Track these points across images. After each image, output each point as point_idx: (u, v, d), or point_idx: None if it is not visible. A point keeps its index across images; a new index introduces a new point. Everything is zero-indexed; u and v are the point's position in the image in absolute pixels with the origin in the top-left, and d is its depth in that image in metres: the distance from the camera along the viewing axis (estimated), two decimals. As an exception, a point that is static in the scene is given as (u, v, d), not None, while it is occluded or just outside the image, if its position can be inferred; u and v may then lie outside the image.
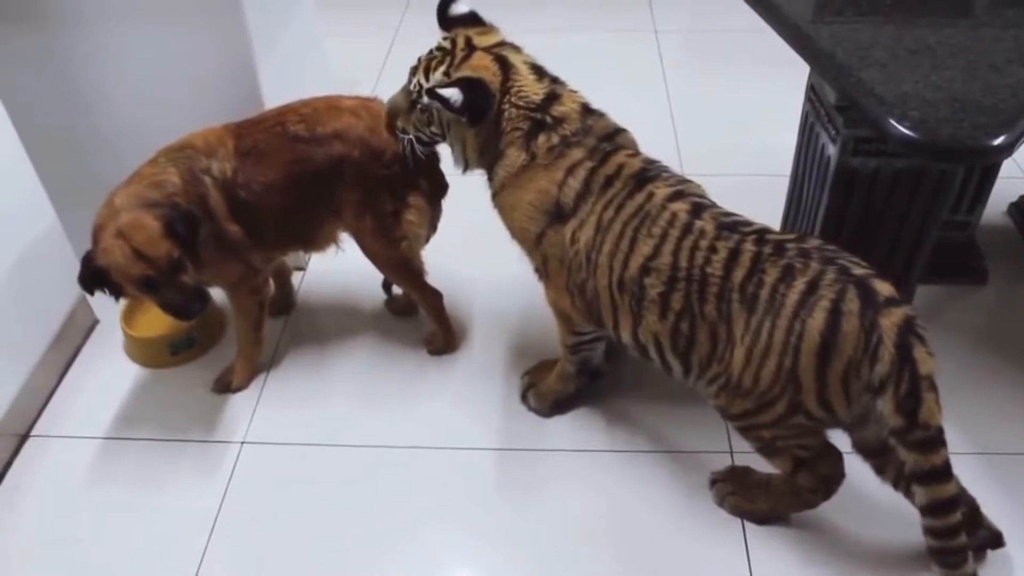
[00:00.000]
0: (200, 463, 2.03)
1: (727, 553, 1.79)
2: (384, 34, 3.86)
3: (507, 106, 1.69)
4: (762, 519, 1.79)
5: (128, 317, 2.31)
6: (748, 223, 1.60)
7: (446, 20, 1.78)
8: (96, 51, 2.16)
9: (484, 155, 1.76)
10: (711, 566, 1.77)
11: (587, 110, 1.74)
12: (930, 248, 1.91)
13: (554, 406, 2.06)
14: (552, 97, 1.70)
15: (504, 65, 1.69)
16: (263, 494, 1.96)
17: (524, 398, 2.10)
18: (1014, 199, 2.71)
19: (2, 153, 2.09)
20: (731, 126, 3.20)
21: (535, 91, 1.69)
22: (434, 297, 2.21)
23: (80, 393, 2.22)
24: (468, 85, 1.64)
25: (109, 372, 2.26)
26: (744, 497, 1.79)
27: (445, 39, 1.75)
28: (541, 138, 1.69)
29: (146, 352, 2.28)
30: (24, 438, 2.10)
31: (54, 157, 2.24)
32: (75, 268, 2.20)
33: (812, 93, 1.86)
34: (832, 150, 1.73)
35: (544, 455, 2.01)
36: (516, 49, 1.75)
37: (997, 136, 1.41)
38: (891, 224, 1.81)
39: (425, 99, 1.72)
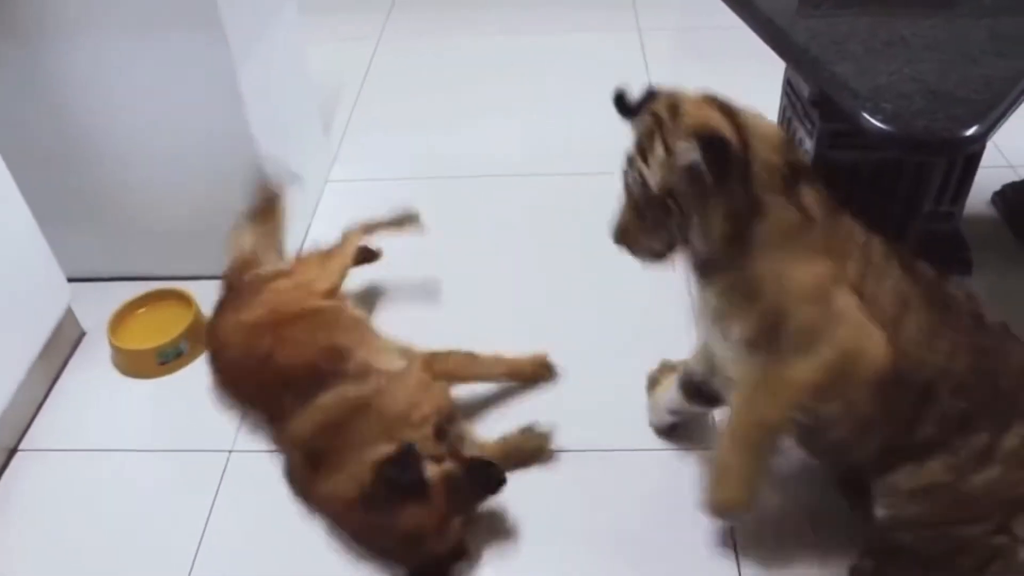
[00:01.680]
0: (189, 473, 2.03)
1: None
2: (367, 39, 3.87)
3: (749, 154, 1.39)
4: None
5: (115, 328, 2.30)
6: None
7: (628, 110, 1.55)
8: (73, 63, 2.16)
9: (736, 222, 1.42)
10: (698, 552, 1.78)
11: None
12: (914, 240, 1.91)
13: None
14: (797, 171, 1.41)
15: (723, 107, 1.42)
16: (252, 503, 1.96)
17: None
18: (997, 188, 2.71)
19: (-17, 167, 2.09)
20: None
21: (772, 129, 1.41)
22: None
23: (68, 405, 2.22)
24: (697, 136, 1.37)
25: (97, 384, 2.26)
26: None
27: (637, 123, 1.51)
28: (805, 189, 1.43)
29: (134, 363, 2.27)
30: (12, 452, 2.10)
31: (35, 169, 2.23)
32: (60, 283, 2.21)
33: (788, 87, 1.87)
34: (809, 144, 1.73)
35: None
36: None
37: (970, 127, 1.41)
38: (872, 217, 1.81)
39: (653, 190, 1.43)
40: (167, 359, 2.27)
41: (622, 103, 1.52)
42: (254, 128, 2.30)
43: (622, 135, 1.83)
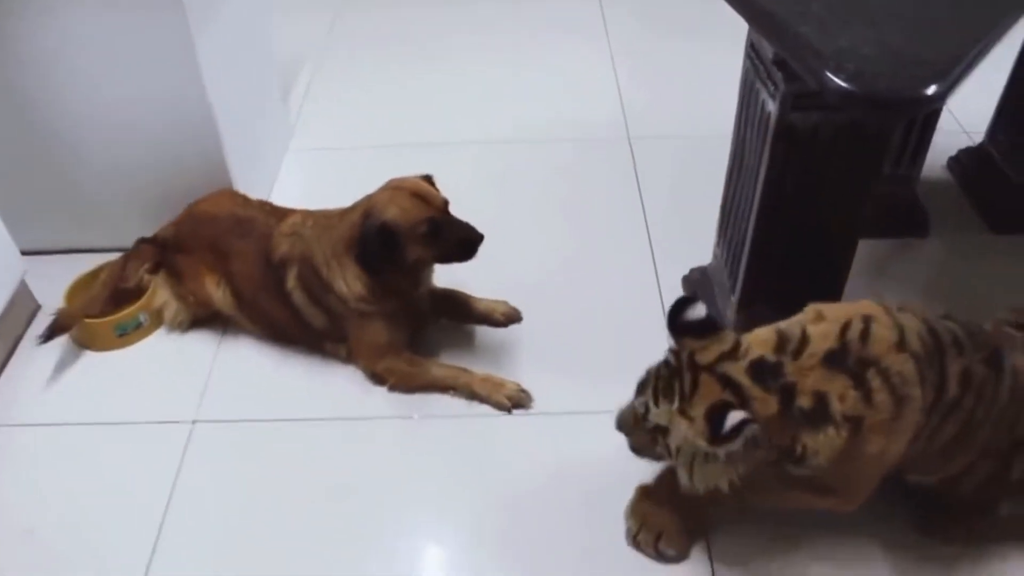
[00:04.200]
0: (151, 444, 2.00)
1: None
2: (327, 7, 3.81)
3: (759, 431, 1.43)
4: None
5: (72, 301, 2.26)
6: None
7: (677, 326, 1.55)
8: (24, 33, 2.10)
9: (750, 469, 1.50)
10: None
11: (831, 358, 1.49)
12: (872, 202, 1.93)
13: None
14: (788, 394, 1.45)
15: (732, 387, 1.45)
16: (217, 472, 1.94)
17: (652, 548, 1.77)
18: (953, 153, 2.76)
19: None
20: (676, 87, 3.22)
21: (769, 407, 1.44)
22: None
23: (24, 380, 2.18)
24: (712, 412, 1.43)
25: (54, 357, 2.21)
26: None
27: (671, 353, 1.54)
28: (831, 434, 1.46)
29: (91, 336, 2.23)
30: (-32, 427, 2.06)
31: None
32: (13, 256, 2.16)
33: (751, 50, 1.86)
34: (772, 106, 1.73)
35: (511, 419, 2.02)
36: (734, 357, 1.49)
37: (931, 86, 1.43)
38: (833, 178, 1.82)
39: (652, 422, 1.54)
40: (126, 331, 2.24)
41: (676, 315, 1.55)
42: (211, 96, 2.27)
43: (581, 102, 1.84)
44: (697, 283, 2.29)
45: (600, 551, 1.75)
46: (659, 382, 1.52)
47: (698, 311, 1.53)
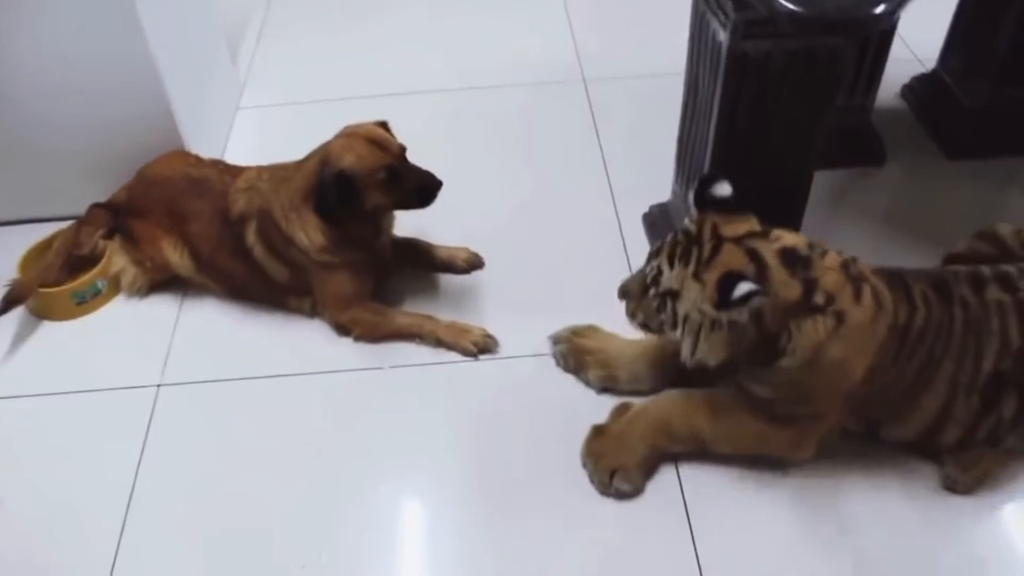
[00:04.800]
0: (117, 411, 1.98)
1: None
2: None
3: (767, 307, 1.51)
4: None
5: (25, 271, 2.21)
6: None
7: (703, 201, 1.60)
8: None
9: (741, 349, 1.57)
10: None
11: (846, 266, 1.60)
12: (829, 133, 1.94)
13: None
14: (811, 286, 1.53)
15: (758, 262, 1.52)
16: (186, 434, 1.93)
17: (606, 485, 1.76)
18: (906, 81, 2.77)
19: None
20: (631, 26, 3.20)
21: (792, 291, 1.52)
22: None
23: (-19, 353, 2.15)
24: (720, 284, 1.49)
25: (11, 330, 2.17)
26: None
27: (691, 223, 1.59)
28: (819, 321, 1.54)
29: (49, 305, 2.20)
30: (-73, 404, 2.03)
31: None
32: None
33: (701, -19, 1.86)
34: (723, 36, 1.72)
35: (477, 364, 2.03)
36: (765, 237, 1.57)
37: (878, 4, 1.44)
38: (786, 108, 1.83)
39: (663, 286, 1.58)
40: (84, 299, 2.20)
41: (703, 190, 1.61)
42: (156, 55, 2.22)
43: (535, 46, 1.82)
44: (657, 219, 2.30)
45: (570, 490, 1.77)
46: (676, 247, 1.58)
47: (724, 188, 1.60)
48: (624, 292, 1.71)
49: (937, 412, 1.67)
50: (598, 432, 1.80)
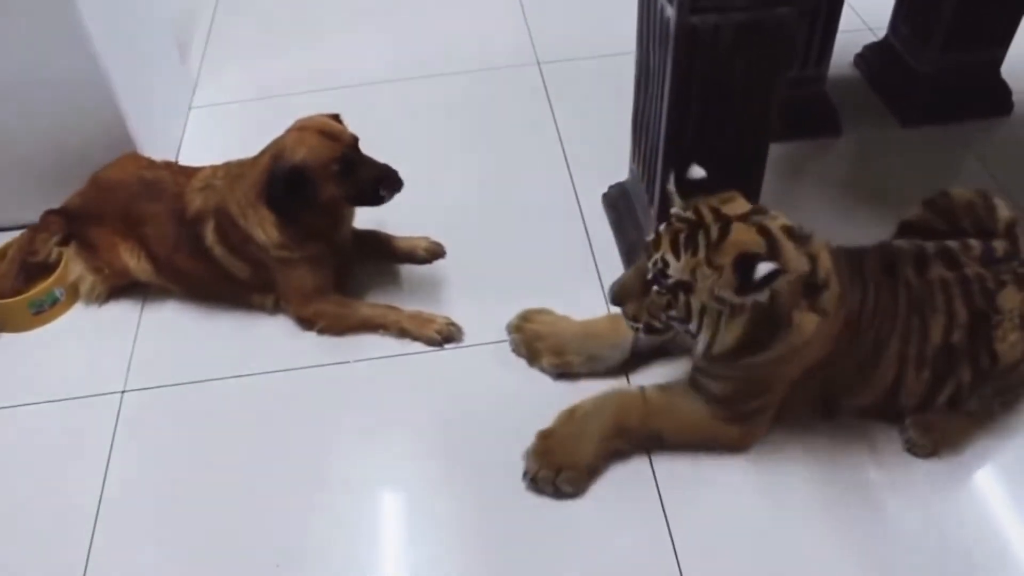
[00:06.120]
0: (81, 420, 1.95)
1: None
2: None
3: (783, 286, 1.46)
4: None
5: (-23, 283, 2.18)
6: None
7: (684, 186, 1.59)
8: None
9: (751, 333, 1.51)
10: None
11: (832, 251, 1.61)
12: (783, 105, 1.94)
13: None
14: (815, 261, 1.51)
15: (769, 239, 1.47)
16: (153, 439, 1.91)
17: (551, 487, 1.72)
18: (858, 50, 2.79)
19: None
20: (582, 7, 3.20)
21: (801, 263, 1.48)
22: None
23: (-61, 369, 2.11)
24: (740, 260, 1.44)
25: (-33, 343, 2.15)
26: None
27: (686, 210, 1.54)
28: (825, 296, 1.53)
29: (5, 316, 2.16)
30: None
31: None
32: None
33: (648, -42, 1.85)
34: (671, 11, 1.72)
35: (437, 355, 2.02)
36: (766, 214, 1.53)
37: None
38: (738, 80, 1.83)
39: (672, 279, 1.50)
40: (42, 308, 2.17)
41: (682, 178, 1.60)
42: (102, 58, 2.18)
43: (487, 31, 1.81)
44: (617, 199, 2.30)
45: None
46: (679, 235, 1.50)
47: (698, 171, 1.58)
48: (620, 295, 1.61)
49: (890, 384, 1.70)
50: (545, 436, 1.75)
